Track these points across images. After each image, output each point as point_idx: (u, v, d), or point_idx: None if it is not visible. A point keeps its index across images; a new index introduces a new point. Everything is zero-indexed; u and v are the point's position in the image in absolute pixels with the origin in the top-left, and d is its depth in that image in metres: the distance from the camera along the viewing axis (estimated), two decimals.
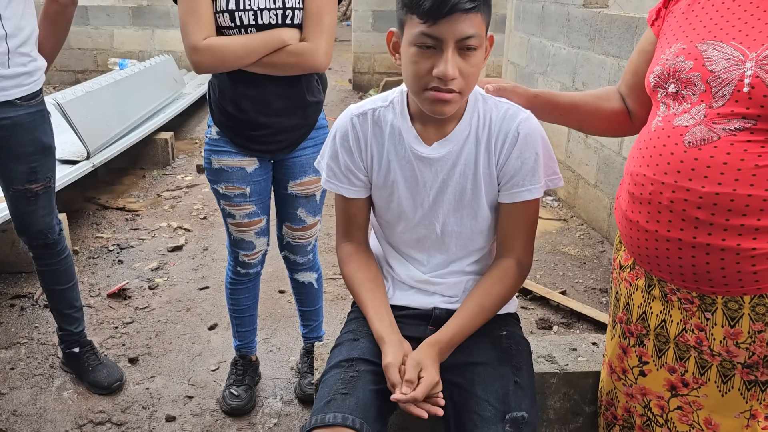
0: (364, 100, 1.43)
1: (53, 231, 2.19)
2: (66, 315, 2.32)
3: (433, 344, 1.29)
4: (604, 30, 3.73)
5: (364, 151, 1.40)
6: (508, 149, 1.33)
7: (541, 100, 1.42)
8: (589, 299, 3.08)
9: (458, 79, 1.20)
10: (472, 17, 1.16)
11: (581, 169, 4.13)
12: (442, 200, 1.38)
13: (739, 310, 1.13)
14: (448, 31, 1.16)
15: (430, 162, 1.35)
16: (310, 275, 2.25)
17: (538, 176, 1.34)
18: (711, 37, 1.11)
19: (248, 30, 1.80)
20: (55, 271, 2.25)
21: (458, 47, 1.18)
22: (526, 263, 1.40)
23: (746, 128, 1.04)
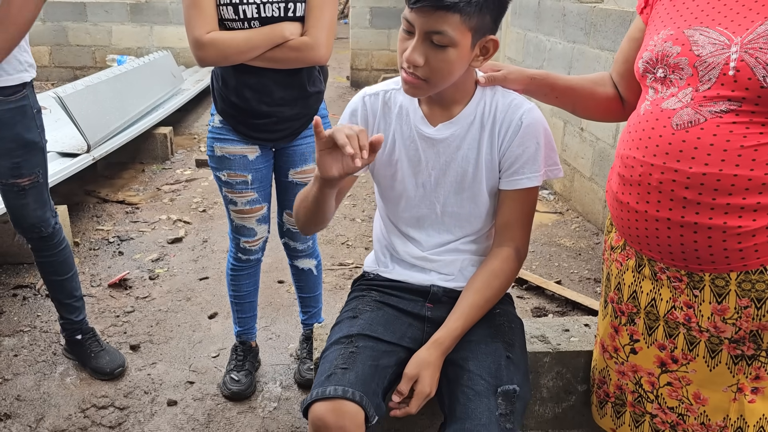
0: (377, 84, 1.48)
1: (47, 224, 2.20)
2: (66, 305, 2.36)
3: (439, 344, 1.33)
4: (599, 24, 3.77)
5: (370, 130, 1.44)
6: (511, 137, 1.37)
7: (537, 82, 1.46)
8: (584, 289, 3.12)
9: (423, 67, 1.24)
10: (446, 15, 1.18)
11: (577, 162, 4.17)
12: (443, 181, 1.42)
13: (726, 287, 1.17)
14: (419, 20, 1.20)
15: (433, 142, 1.39)
16: (309, 262, 2.29)
17: (538, 165, 1.38)
18: (698, 23, 1.15)
19: (251, 23, 1.84)
20: (53, 263, 2.28)
21: (428, 38, 1.21)
22: (523, 251, 1.45)
23: (731, 110, 1.08)
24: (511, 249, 1.42)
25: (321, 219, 1.39)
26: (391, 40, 8.48)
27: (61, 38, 8.32)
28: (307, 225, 1.42)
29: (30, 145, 2.10)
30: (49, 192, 2.24)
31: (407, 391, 1.29)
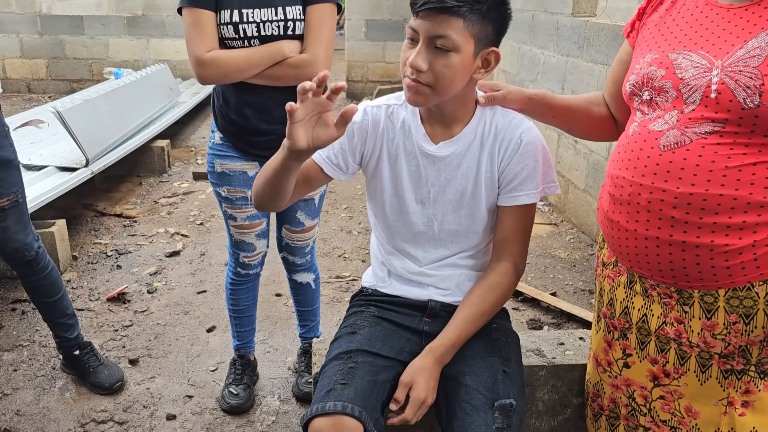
0: (380, 98, 1.50)
1: (30, 248, 2.17)
2: (60, 324, 2.35)
3: (432, 351, 1.36)
4: (592, 38, 3.82)
5: (369, 139, 1.45)
6: (510, 155, 1.40)
7: (535, 102, 1.49)
8: (579, 300, 3.15)
9: (427, 73, 1.27)
10: (450, 19, 1.22)
11: (571, 174, 4.21)
12: (442, 198, 1.45)
13: (715, 303, 1.21)
14: (422, 25, 1.24)
15: (434, 159, 1.42)
16: (307, 276, 2.32)
17: (536, 182, 1.41)
18: (681, 46, 1.19)
19: (251, 41, 1.88)
20: (42, 286, 2.25)
21: (431, 44, 1.25)
22: (521, 266, 1.47)
23: (716, 131, 1.12)
24: (509, 264, 1.45)
25: (275, 194, 1.34)
26: (387, 52, 8.54)
27: (58, 51, 8.36)
28: (260, 196, 1.37)
29: (5, 164, 2.07)
30: (29, 214, 2.21)
31: (403, 399, 1.31)
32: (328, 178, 1.46)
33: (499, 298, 1.44)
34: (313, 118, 1.18)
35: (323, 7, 1.90)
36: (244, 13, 1.86)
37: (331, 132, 1.20)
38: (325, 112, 1.18)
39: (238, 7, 1.87)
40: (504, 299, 1.45)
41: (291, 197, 1.40)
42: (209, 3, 1.85)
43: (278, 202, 1.38)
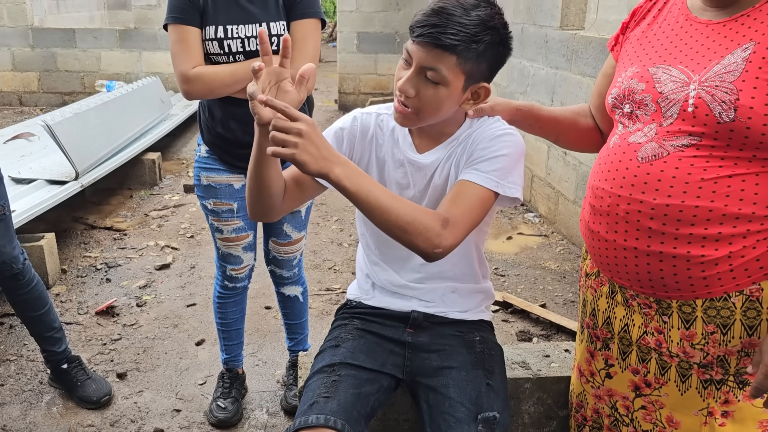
0: (371, 106, 1.51)
1: (17, 261, 2.16)
2: (47, 338, 2.34)
3: (336, 160, 1.18)
4: (581, 51, 3.86)
5: (357, 145, 1.46)
6: (482, 141, 1.36)
7: (522, 113, 1.51)
8: (568, 312, 3.16)
9: (414, 99, 1.28)
10: (444, 55, 1.22)
11: (561, 186, 4.24)
12: (423, 201, 1.43)
13: (693, 314, 1.22)
14: (416, 53, 1.25)
15: (419, 166, 1.42)
16: (295, 289, 2.32)
17: (493, 169, 1.31)
18: (661, 61, 1.21)
19: (236, 57, 1.89)
20: (28, 300, 2.25)
21: (422, 72, 1.26)
22: (452, 226, 1.26)
23: (692, 144, 1.14)
24: (440, 212, 1.28)
25: (261, 189, 1.29)
26: (378, 65, 8.59)
27: (50, 64, 8.37)
28: (250, 197, 1.32)
29: None
30: (14, 227, 2.20)
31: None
32: (320, 185, 1.40)
33: (418, 213, 1.23)
34: (273, 89, 1.19)
35: (307, 22, 1.92)
36: (228, 29, 1.88)
37: (293, 96, 1.20)
38: (282, 80, 1.19)
39: (222, 23, 1.88)
40: (420, 219, 1.23)
41: (284, 203, 1.35)
42: (194, 19, 1.87)
43: (268, 201, 1.31)
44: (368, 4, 8.36)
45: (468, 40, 1.22)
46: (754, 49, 1.09)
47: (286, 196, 1.36)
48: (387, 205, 1.20)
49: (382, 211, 1.20)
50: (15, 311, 2.32)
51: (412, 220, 1.22)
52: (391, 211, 1.21)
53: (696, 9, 1.23)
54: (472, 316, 1.55)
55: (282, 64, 1.19)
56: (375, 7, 8.39)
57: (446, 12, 1.21)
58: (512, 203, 1.37)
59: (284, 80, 1.20)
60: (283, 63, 1.19)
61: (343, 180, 1.16)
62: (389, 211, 1.21)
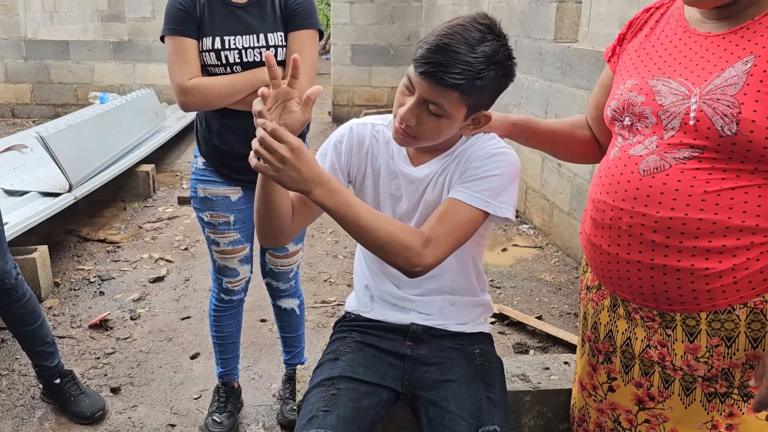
0: (367, 117, 1.50)
1: (9, 276, 2.14)
2: (40, 352, 2.31)
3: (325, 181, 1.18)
4: (575, 63, 3.88)
5: (355, 157, 1.46)
6: (475, 160, 1.36)
7: (519, 127, 1.50)
8: (565, 324, 3.15)
9: (415, 126, 1.28)
10: (444, 91, 1.22)
11: (555, 198, 4.24)
12: (417, 217, 1.43)
13: (697, 326, 1.21)
14: (419, 85, 1.24)
15: (412, 179, 1.42)
16: (292, 302, 2.30)
17: (485, 188, 1.31)
18: (660, 73, 1.21)
19: (234, 68, 1.89)
20: (20, 315, 2.22)
21: (425, 104, 1.25)
22: (434, 245, 1.26)
23: (694, 157, 1.13)
24: (424, 231, 1.28)
25: (270, 210, 1.29)
26: (372, 77, 8.61)
27: (43, 76, 8.34)
28: (258, 219, 1.32)
29: None
30: (6, 242, 2.18)
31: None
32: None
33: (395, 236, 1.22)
34: (279, 108, 1.19)
35: (305, 33, 1.91)
36: (226, 40, 1.87)
37: (297, 116, 1.21)
38: (288, 100, 1.20)
39: (220, 35, 1.88)
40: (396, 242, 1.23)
41: (294, 223, 1.35)
42: (191, 31, 1.86)
43: (277, 222, 1.31)
44: (362, 17, 8.40)
45: (472, 78, 1.21)
46: (754, 62, 1.09)
47: (294, 215, 1.36)
48: (366, 224, 1.21)
49: (362, 229, 1.21)
50: (7, 326, 2.28)
51: (392, 240, 1.22)
52: (371, 230, 1.21)
53: (694, 21, 1.23)
54: (471, 328, 1.54)
55: (291, 85, 1.19)
56: (369, 20, 8.42)
57: (450, 49, 1.19)
58: (503, 222, 1.37)
59: (291, 100, 1.20)
60: (291, 84, 1.19)
61: (323, 199, 1.17)
62: (369, 229, 1.21)
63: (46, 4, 9.77)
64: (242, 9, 1.92)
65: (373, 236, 1.22)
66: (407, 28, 8.50)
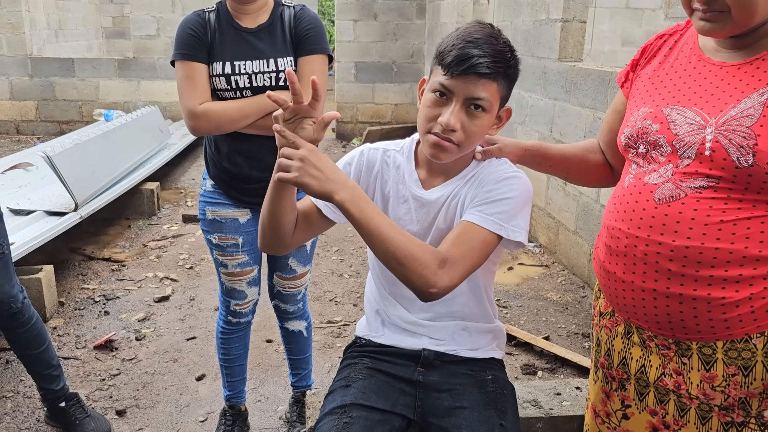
0: (379, 142, 1.51)
1: (16, 299, 2.11)
2: (45, 375, 2.29)
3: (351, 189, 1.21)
4: (580, 83, 3.89)
5: (363, 180, 1.46)
6: (488, 184, 1.36)
7: (531, 153, 1.50)
8: (572, 344, 3.13)
9: (459, 132, 1.29)
10: (486, 83, 1.26)
11: (561, 216, 4.24)
12: (426, 238, 1.43)
13: (713, 355, 1.20)
14: (460, 87, 1.26)
15: (423, 202, 1.42)
16: (299, 324, 2.29)
17: (498, 211, 1.31)
18: (675, 102, 1.21)
19: (243, 93, 1.89)
20: (26, 338, 2.19)
21: (466, 104, 1.28)
22: (450, 265, 1.25)
23: (710, 186, 1.13)
24: (441, 251, 1.27)
25: (274, 221, 1.32)
26: (376, 94, 8.66)
27: (48, 93, 8.39)
28: (261, 228, 1.35)
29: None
30: (13, 265, 2.16)
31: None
32: (327, 219, 1.42)
33: (414, 252, 1.22)
34: (295, 123, 1.22)
35: (314, 58, 1.92)
36: (236, 65, 1.88)
37: (308, 133, 1.23)
38: (305, 118, 1.22)
39: (230, 59, 1.89)
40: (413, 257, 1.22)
41: (294, 237, 1.38)
42: (201, 56, 1.87)
43: (279, 231, 1.34)
44: (366, 35, 8.46)
45: (505, 66, 1.28)
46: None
47: (296, 229, 1.38)
48: (387, 235, 1.21)
49: (382, 240, 1.21)
50: (13, 349, 2.27)
51: (410, 254, 1.22)
52: (391, 242, 1.21)
53: (709, 50, 1.23)
54: (483, 354, 1.52)
55: (311, 105, 1.22)
56: (372, 38, 8.48)
57: (482, 42, 1.26)
58: (516, 247, 1.37)
59: (307, 118, 1.23)
60: (312, 104, 1.21)
61: (347, 203, 1.18)
62: (389, 241, 1.21)
63: (52, 22, 9.85)
64: (252, 34, 1.93)
65: (392, 249, 1.21)
66: (410, 45, 8.55)
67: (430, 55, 8.28)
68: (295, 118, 1.22)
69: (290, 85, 1.18)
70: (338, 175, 1.19)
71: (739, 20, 1.11)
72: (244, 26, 1.94)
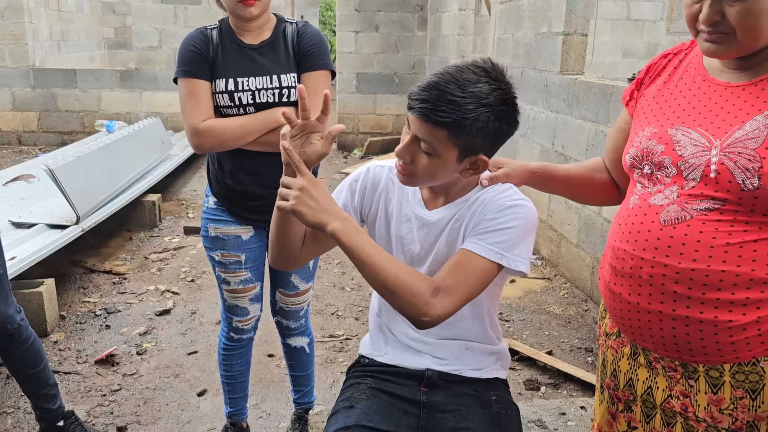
0: (387, 159, 1.51)
1: (12, 320, 2.08)
2: (42, 395, 2.25)
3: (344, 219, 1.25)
4: (581, 96, 3.89)
5: (368, 198, 1.46)
6: (491, 210, 1.35)
7: (538, 175, 1.49)
8: (575, 359, 3.12)
9: (410, 164, 1.30)
10: (435, 129, 1.23)
11: (563, 229, 4.23)
12: (429, 261, 1.42)
13: (720, 378, 1.19)
14: (413, 122, 1.27)
15: (425, 222, 1.41)
16: (302, 340, 2.28)
17: (497, 240, 1.29)
18: (680, 122, 1.21)
19: (247, 109, 1.89)
20: (23, 359, 2.16)
21: (417, 141, 1.27)
22: (444, 295, 1.25)
23: (716, 209, 1.12)
24: (435, 279, 1.27)
25: (282, 235, 1.36)
26: (377, 105, 8.68)
27: (50, 104, 8.41)
28: (271, 242, 1.39)
29: None
30: (9, 284, 2.13)
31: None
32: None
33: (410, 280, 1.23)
34: (303, 138, 1.26)
35: (318, 74, 1.92)
36: (239, 82, 1.88)
37: (316, 148, 1.26)
38: (313, 132, 1.26)
39: (233, 76, 1.89)
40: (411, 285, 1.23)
41: (302, 252, 1.41)
42: (204, 73, 1.87)
43: (287, 247, 1.38)
44: (367, 46, 8.49)
45: (459, 118, 1.21)
46: None
47: (304, 245, 1.41)
48: (378, 265, 1.23)
49: (374, 269, 1.23)
50: (9, 370, 2.23)
51: (401, 283, 1.23)
52: (382, 271, 1.23)
53: (713, 70, 1.23)
54: (487, 374, 1.51)
55: (319, 120, 1.25)
56: (374, 49, 8.51)
57: (439, 88, 1.22)
58: (518, 275, 1.36)
59: (315, 133, 1.27)
60: (320, 119, 1.25)
61: (338, 233, 1.22)
62: (380, 270, 1.23)
63: (54, 33, 9.90)
64: (255, 50, 1.93)
65: (383, 278, 1.23)
66: (412, 56, 8.58)
67: (431, 66, 8.30)
68: (303, 134, 1.25)
69: (300, 101, 1.21)
70: (332, 207, 1.24)
71: (744, 42, 1.11)
72: (247, 42, 1.94)
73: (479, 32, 7.32)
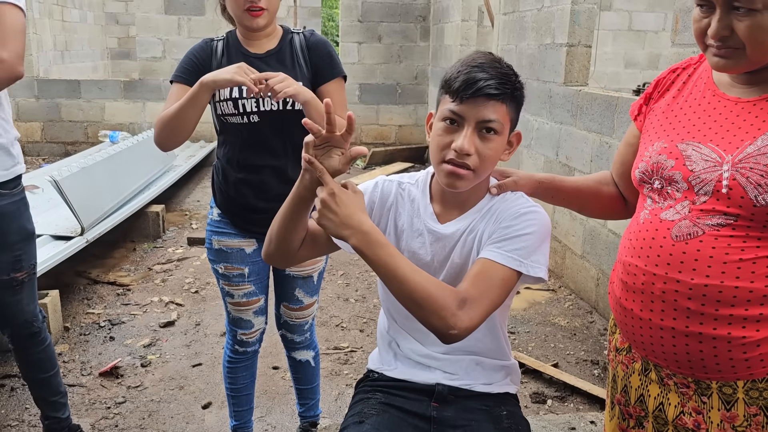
0: (395, 174, 1.51)
1: (37, 319, 2.14)
2: (53, 402, 2.26)
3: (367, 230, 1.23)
4: (586, 107, 3.90)
5: (376, 212, 1.45)
6: (506, 219, 1.35)
7: (545, 186, 1.49)
8: (581, 371, 3.10)
9: (473, 156, 1.29)
10: (495, 104, 1.28)
11: (568, 240, 4.22)
12: (444, 275, 1.41)
13: (734, 395, 1.18)
14: (471, 111, 1.28)
15: (438, 236, 1.41)
16: (307, 353, 2.27)
17: (515, 247, 1.29)
18: (690, 137, 1.20)
19: (251, 117, 1.90)
20: (40, 360, 2.18)
21: (478, 128, 1.29)
22: (469, 305, 1.23)
23: (728, 224, 1.12)
24: (460, 290, 1.26)
25: (283, 228, 1.36)
26: (380, 115, 8.70)
27: (53, 114, 8.43)
28: (269, 234, 1.39)
29: (30, 237, 2.11)
30: (36, 285, 2.18)
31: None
32: (332, 243, 1.41)
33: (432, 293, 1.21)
34: (323, 150, 1.25)
35: (335, 83, 1.97)
36: (243, 89, 1.88)
37: (334, 164, 1.26)
38: (335, 147, 1.25)
39: None
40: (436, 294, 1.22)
41: (299, 254, 1.41)
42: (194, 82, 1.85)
43: (286, 244, 1.38)
44: (370, 57, 8.52)
45: (512, 87, 1.30)
46: None
47: (302, 247, 1.41)
48: (405, 277, 1.21)
49: (400, 282, 1.22)
50: (23, 373, 2.24)
51: (428, 296, 1.21)
52: (409, 284, 1.21)
53: (723, 85, 1.23)
54: (497, 389, 1.50)
55: (343, 137, 1.24)
56: (377, 59, 8.54)
57: (487, 66, 1.29)
58: (536, 282, 1.35)
59: (336, 148, 1.26)
60: (344, 136, 1.24)
61: (361, 247, 1.22)
62: (407, 283, 1.21)
63: (58, 43, 9.93)
64: (260, 59, 1.94)
65: (409, 291, 1.22)
66: (414, 67, 8.61)
67: (434, 77, 8.32)
68: (325, 145, 1.25)
69: (327, 115, 1.21)
70: (353, 219, 1.22)
71: (753, 57, 1.11)
72: (252, 52, 1.95)
73: (482, 43, 7.34)
